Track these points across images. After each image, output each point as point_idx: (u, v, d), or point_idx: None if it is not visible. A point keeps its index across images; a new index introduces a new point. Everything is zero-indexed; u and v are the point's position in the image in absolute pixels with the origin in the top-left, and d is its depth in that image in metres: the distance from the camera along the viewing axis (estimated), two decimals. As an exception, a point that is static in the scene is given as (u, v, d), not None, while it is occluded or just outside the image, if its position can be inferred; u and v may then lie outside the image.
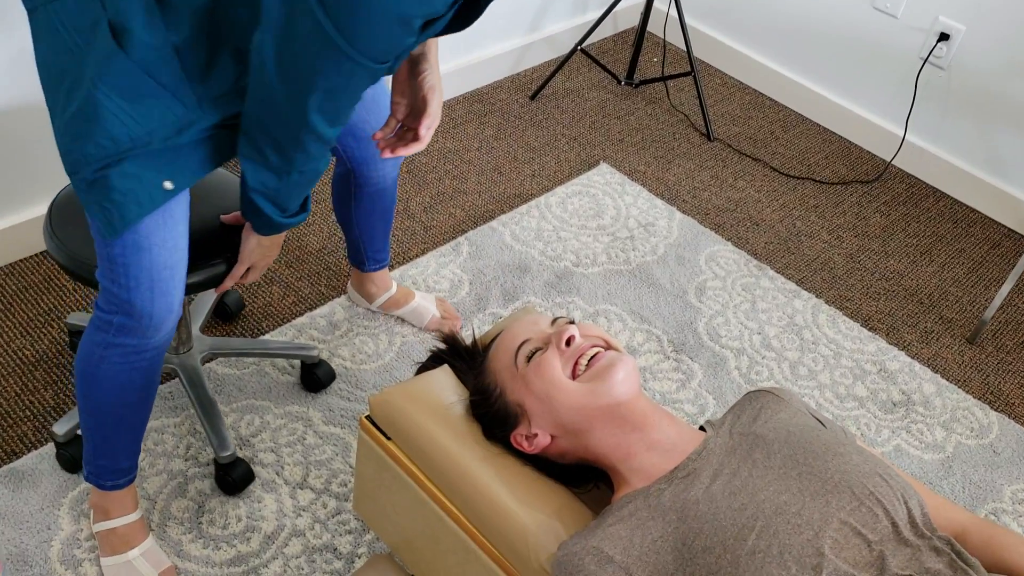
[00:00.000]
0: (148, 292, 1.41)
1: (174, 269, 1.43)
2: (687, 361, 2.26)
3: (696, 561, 1.11)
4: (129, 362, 1.48)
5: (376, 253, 2.08)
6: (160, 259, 1.40)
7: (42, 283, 2.16)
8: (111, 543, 1.65)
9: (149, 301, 1.42)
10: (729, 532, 1.11)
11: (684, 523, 1.15)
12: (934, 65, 2.87)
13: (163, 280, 1.42)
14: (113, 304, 1.43)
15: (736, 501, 1.15)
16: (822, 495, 1.14)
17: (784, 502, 1.13)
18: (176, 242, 1.42)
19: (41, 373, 1.97)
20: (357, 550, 1.76)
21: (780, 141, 3.10)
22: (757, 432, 1.26)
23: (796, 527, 1.10)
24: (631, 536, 1.16)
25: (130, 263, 1.38)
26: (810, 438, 1.22)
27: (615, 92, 3.20)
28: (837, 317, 2.46)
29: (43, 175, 2.15)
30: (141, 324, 1.44)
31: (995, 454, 2.18)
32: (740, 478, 1.19)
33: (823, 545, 1.08)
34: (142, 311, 1.42)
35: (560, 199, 2.68)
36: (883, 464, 1.20)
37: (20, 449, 1.83)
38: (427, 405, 1.37)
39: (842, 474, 1.16)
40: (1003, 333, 2.51)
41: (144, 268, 1.39)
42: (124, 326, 1.44)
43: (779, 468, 1.18)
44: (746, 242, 2.66)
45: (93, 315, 1.48)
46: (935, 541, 1.14)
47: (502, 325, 1.53)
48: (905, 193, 2.97)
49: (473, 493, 1.30)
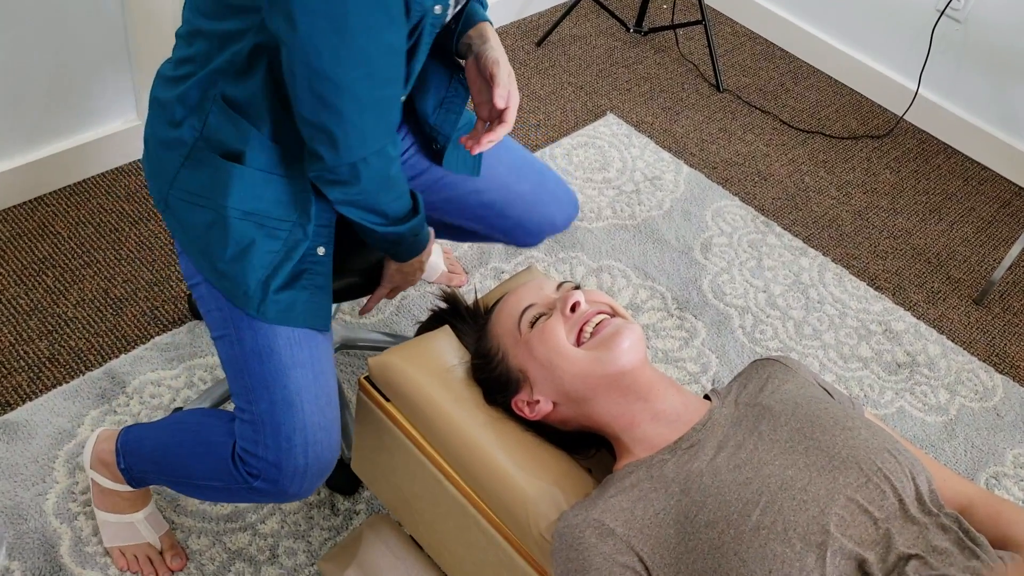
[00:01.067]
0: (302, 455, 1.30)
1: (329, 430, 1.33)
2: (691, 319, 2.23)
3: (699, 535, 1.09)
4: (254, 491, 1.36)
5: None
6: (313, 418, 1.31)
7: (36, 230, 2.12)
8: (113, 501, 1.59)
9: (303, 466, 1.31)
10: (733, 507, 1.09)
11: (687, 496, 1.13)
12: (951, 18, 2.80)
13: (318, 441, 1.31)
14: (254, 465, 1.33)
15: (741, 475, 1.13)
16: (829, 471, 1.12)
17: (790, 477, 1.11)
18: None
19: (35, 323, 1.94)
20: (355, 506, 1.75)
21: (791, 93, 3.04)
22: (763, 403, 1.23)
23: (802, 503, 1.08)
24: (632, 508, 1.14)
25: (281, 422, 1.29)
26: (818, 411, 1.19)
27: (623, 40, 3.13)
28: (843, 276, 2.42)
29: (35, 120, 2.10)
30: (287, 491, 1.33)
31: (999, 417, 2.16)
32: (745, 451, 1.16)
33: (828, 522, 1.06)
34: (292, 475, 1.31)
35: (565, 151, 2.63)
36: (891, 439, 1.18)
37: (15, 400, 1.81)
38: (427, 368, 1.34)
39: (850, 449, 1.14)
40: (1011, 295, 2.48)
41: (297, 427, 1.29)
42: (264, 489, 1.34)
43: (785, 442, 1.16)
44: (753, 197, 2.61)
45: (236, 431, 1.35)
46: (942, 518, 1.12)
47: (505, 287, 1.50)
48: (916, 149, 2.92)
49: (473, 458, 1.28)
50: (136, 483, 1.54)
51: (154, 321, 1.99)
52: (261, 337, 1.31)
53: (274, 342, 1.30)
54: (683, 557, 1.09)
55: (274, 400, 1.29)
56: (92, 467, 1.58)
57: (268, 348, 1.30)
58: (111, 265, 2.08)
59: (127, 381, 1.86)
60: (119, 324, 1.97)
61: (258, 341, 1.31)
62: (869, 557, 1.06)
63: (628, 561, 1.11)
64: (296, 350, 1.30)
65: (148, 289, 2.05)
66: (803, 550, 1.05)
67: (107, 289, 2.03)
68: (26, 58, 2.00)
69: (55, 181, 2.20)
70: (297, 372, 1.30)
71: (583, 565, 1.12)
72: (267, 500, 1.34)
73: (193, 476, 1.42)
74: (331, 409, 1.33)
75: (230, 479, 1.35)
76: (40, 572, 1.58)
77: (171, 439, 1.46)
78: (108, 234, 2.14)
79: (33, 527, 1.64)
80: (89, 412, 1.80)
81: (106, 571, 1.60)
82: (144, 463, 1.49)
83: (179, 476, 1.44)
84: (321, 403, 1.31)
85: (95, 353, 1.91)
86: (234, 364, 1.33)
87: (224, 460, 1.36)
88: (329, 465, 1.34)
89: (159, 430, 1.49)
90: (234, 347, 1.33)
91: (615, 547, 1.11)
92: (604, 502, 1.15)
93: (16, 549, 1.60)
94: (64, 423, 1.78)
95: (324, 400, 1.32)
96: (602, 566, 1.11)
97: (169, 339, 1.95)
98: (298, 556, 1.68)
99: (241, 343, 1.32)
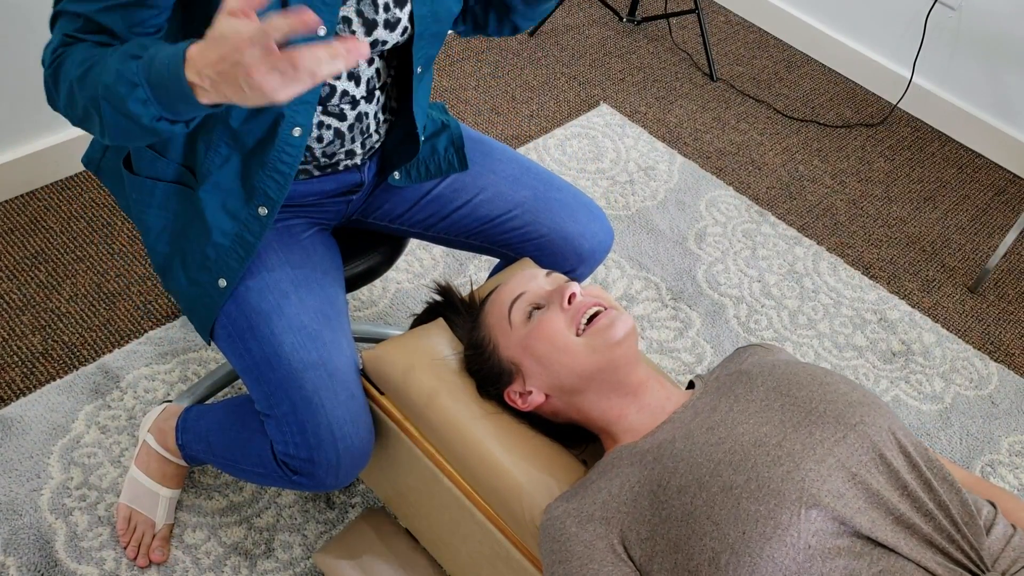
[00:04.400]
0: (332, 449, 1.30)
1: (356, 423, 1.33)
2: (685, 309, 2.23)
3: (671, 503, 1.06)
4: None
5: None
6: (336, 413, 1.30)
7: (28, 225, 2.11)
8: (154, 467, 1.63)
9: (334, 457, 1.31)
10: (704, 468, 1.06)
11: (660, 463, 1.11)
12: (944, 5, 2.79)
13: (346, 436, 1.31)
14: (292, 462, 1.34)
15: (713, 436, 1.10)
16: (805, 426, 1.08)
17: (764, 434, 1.08)
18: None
19: (28, 318, 1.94)
20: (351, 500, 1.75)
21: (784, 82, 3.03)
22: (741, 369, 1.23)
23: (775, 459, 1.04)
24: (610, 488, 1.13)
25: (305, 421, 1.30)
26: (796, 370, 1.18)
27: (616, 29, 3.12)
28: (838, 265, 2.42)
29: (27, 115, 2.09)
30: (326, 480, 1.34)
31: (993, 405, 2.17)
32: (720, 413, 1.14)
33: (804, 478, 1.02)
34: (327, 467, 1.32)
35: (559, 141, 2.62)
36: (871, 394, 1.16)
37: (8, 396, 1.81)
38: (421, 361, 1.34)
39: (827, 404, 1.10)
40: (1005, 282, 2.48)
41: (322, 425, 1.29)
42: (303, 483, 1.35)
43: (761, 400, 1.13)
44: (748, 187, 2.61)
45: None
46: (925, 472, 1.09)
47: (499, 279, 1.49)
48: (910, 137, 2.91)
49: (467, 451, 1.28)
50: (190, 460, 1.59)
51: (147, 315, 1.98)
52: (266, 345, 1.31)
53: (279, 349, 1.30)
54: (658, 528, 1.07)
55: (294, 402, 1.29)
56: (149, 431, 1.63)
57: (275, 355, 1.30)
58: (104, 260, 2.07)
59: (121, 376, 1.86)
60: (112, 319, 1.97)
61: (264, 350, 1.31)
62: (848, 512, 1.02)
63: (608, 544, 1.10)
64: (303, 353, 1.30)
65: (141, 283, 2.04)
66: (777, 507, 1.00)
67: (100, 284, 2.03)
68: (16, 52, 1.99)
69: (47, 176, 2.19)
70: (310, 374, 1.29)
71: (565, 556, 1.11)
72: (310, 490, 1.36)
73: (240, 461, 1.45)
74: (354, 402, 1.32)
75: (272, 469, 1.38)
76: (35, 567, 1.58)
77: (222, 423, 1.50)
78: (100, 229, 2.13)
79: (28, 522, 1.63)
80: (83, 407, 1.80)
81: (101, 566, 1.60)
82: (200, 442, 1.54)
83: (227, 459, 1.48)
84: (341, 399, 1.30)
85: (88, 348, 1.91)
86: (249, 373, 1.34)
87: (266, 451, 1.38)
88: (362, 454, 1.34)
89: (214, 413, 1.53)
90: (243, 358, 1.34)
91: (595, 532, 1.10)
92: (584, 489, 1.15)
93: (11, 545, 1.60)
94: (58, 418, 1.78)
95: (345, 395, 1.31)
96: (583, 553, 1.10)
97: (162, 333, 1.95)
98: (294, 550, 1.67)
99: (250, 353, 1.33)
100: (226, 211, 1.31)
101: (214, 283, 1.33)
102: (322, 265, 1.42)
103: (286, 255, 1.38)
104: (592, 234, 1.55)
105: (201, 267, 1.33)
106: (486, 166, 1.55)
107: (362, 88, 1.32)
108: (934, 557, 1.02)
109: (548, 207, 1.53)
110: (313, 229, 1.46)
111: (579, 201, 1.56)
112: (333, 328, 1.35)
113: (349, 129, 1.34)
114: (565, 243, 1.53)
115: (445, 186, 1.53)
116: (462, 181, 1.53)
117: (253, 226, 1.31)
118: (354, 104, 1.32)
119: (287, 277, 1.36)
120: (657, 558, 1.06)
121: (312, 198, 1.43)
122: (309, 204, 1.44)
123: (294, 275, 1.37)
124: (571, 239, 1.53)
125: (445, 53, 2.85)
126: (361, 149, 1.40)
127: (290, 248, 1.40)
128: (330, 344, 1.33)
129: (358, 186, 1.46)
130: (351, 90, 1.30)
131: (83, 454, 1.74)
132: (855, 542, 1.01)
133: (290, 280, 1.36)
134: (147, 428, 1.64)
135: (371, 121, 1.37)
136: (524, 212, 1.52)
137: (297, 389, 1.29)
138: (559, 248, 1.53)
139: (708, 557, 1.02)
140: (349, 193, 1.46)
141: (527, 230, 1.52)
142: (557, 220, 1.52)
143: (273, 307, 1.33)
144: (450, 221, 1.54)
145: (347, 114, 1.32)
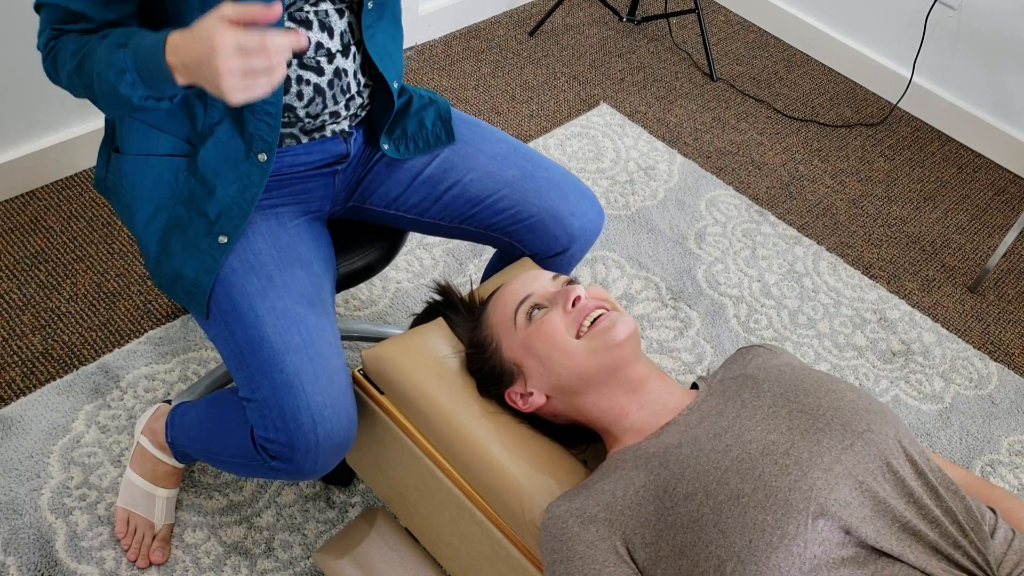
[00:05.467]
0: (312, 432, 1.30)
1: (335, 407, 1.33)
2: (685, 309, 2.23)
3: (677, 509, 1.06)
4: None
5: None
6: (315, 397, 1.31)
7: (28, 224, 2.11)
8: (148, 468, 1.63)
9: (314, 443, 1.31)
10: (711, 476, 1.06)
11: (666, 469, 1.10)
12: (945, 4, 2.79)
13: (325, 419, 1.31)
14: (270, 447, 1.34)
15: (720, 443, 1.09)
16: (813, 433, 1.08)
17: (772, 442, 1.07)
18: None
19: (28, 317, 1.94)
20: (351, 499, 1.75)
21: (784, 82, 3.04)
22: (747, 373, 1.22)
23: (783, 468, 1.04)
24: (614, 490, 1.13)
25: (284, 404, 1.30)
26: (802, 376, 1.18)
27: (616, 29, 3.12)
28: (838, 264, 2.42)
29: (26, 114, 2.09)
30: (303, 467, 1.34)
31: (993, 405, 2.17)
32: (726, 418, 1.14)
33: (811, 487, 1.02)
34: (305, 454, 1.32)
35: (559, 140, 2.62)
36: (878, 402, 1.16)
37: (8, 395, 1.81)
38: (421, 360, 1.34)
39: (835, 411, 1.10)
40: (1005, 282, 2.48)
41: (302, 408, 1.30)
42: (281, 469, 1.35)
43: (768, 407, 1.13)
44: (748, 187, 2.61)
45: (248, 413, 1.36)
46: (931, 479, 1.09)
47: (500, 279, 1.49)
48: (910, 137, 2.91)
49: (467, 450, 1.28)
50: (180, 457, 1.60)
51: (147, 315, 1.98)
52: (249, 328, 1.32)
53: (262, 332, 1.31)
54: (663, 533, 1.07)
55: (274, 385, 1.30)
56: (142, 432, 1.64)
57: (258, 338, 1.31)
58: (104, 259, 2.07)
59: (121, 375, 1.86)
60: (112, 318, 1.97)
61: (248, 332, 1.32)
62: (854, 521, 1.02)
63: (611, 545, 1.09)
64: (286, 336, 1.31)
65: (141, 283, 2.04)
66: (784, 517, 1.00)
67: (100, 283, 2.03)
68: (16, 51, 1.99)
69: (47, 176, 2.19)
70: (291, 357, 1.30)
71: (567, 555, 1.11)
72: (288, 477, 1.36)
73: (221, 453, 1.46)
74: (334, 388, 1.32)
75: (252, 457, 1.38)
76: (35, 567, 1.58)
77: (205, 416, 1.50)
78: (100, 228, 2.13)
79: (28, 522, 1.63)
80: (83, 407, 1.80)
81: (101, 566, 1.60)
82: (185, 437, 1.55)
83: (210, 451, 1.49)
84: (322, 383, 1.31)
85: (88, 347, 1.91)
86: (233, 357, 1.35)
87: (246, 439, 1.39)
88: (343, 440, 1.34)
89: (198, 407, 1.54)
90: (228, 342, 1.35)
91: (597, 533, 1.10)
92: (587, 490, 1.15)
93: (11, 544, 1.60)
94: (58, 418, 1.78)
95: (325, 380, 1.31)
96: (585, 554, 1.10)
97: (162, 333, 1.95)
98: (294, 549, 1.68)
99: (233, 336, 1.33)
100: (228, 163, 1.32)
101: (215, 242, 1.34)
102: (309, 252, 1.43)
103: (273, 239, 1.39)
104: (582, 212, 1.55)
105: (201, 231, 1.34)
106: (475, 146, 1.56)
107: (336, 41, 1.33)
108: (939, 564, 1.02)
109: (536, 186, 1.54)
110: (303, 218, 1.47)
111: (567, 180, 1.57)
112: (317, 313, 1.35)
113: (329, 86, 1.35)
114: (555, 222, 1.54)
115: (435, 166, 1.54)
116: (452, 161, 1.55)
117: (255, 175, 1.32)
118: (330, 57, 1.34)
119: (273, 261, 1.36)
120: (661, 563, 1.06)
121: (299, 170, 1.44)
122: (296, 180, 1.45)
123: (280, 259, 1.37)
124: (561, 217, 1.54)
125: (444, 53, 2.86)
126: (345, 111, 1.41)
127: (277, 234, 1.40)
128: (313, 329, 1.33)
129: (344, 157, 1.47)
130: (325, 42, 1.32)
131: (83, 454, 1.74)
132: (860, 552, 1.02)
133: (275, 264, 1.36)
134: (140, 429, 1.65)
135: (351, 80, 1.38)
136: (513, 191, 1.54)
137: (278, 372, 1.29)
138: (550, 227, 1.54)
139: (713, 564, 1.02)
140: (335, 164, 1.47)
141: (517, 210, 1.53)
142: (546, 198, 1.54)
143: (257, 290, 1.33)
144: (443, 204, 1.55)
145: (324, 68, 1.33)
